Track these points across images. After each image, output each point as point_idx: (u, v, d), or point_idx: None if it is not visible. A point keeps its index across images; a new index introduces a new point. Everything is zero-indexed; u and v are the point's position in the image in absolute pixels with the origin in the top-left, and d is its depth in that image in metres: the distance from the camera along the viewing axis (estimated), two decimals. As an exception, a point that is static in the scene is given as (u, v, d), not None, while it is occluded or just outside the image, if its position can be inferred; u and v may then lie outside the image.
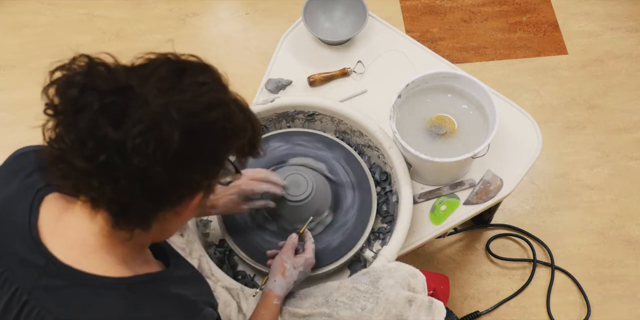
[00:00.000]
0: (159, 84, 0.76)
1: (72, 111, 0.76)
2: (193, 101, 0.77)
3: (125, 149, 0.74)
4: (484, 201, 1.45)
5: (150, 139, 0.74)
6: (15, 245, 0.84)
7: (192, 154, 0.77)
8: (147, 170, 0.75)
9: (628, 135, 2.10)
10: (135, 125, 0.73)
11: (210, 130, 0.78)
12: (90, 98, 0.75)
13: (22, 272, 0.83)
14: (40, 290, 0.82)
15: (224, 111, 0.79)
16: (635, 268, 1.92)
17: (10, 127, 2.16)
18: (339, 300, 1.23)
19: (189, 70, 0.79)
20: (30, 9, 2.37)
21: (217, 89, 0.80)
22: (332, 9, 1.65)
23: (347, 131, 1.48)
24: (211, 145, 0.79)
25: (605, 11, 2.31)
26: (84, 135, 0.75)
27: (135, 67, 0.79)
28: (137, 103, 0.75)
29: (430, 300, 1.26)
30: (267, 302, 1.17)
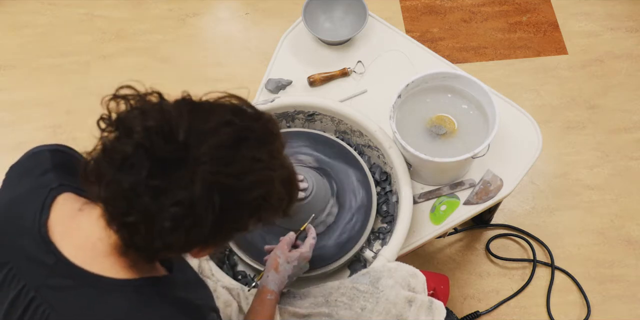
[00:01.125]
0: (213, 153, 0.75)
1: (118, 166, 0.75)
2: (238, 177, 0.76)
3: (154, 223, 0.75)
4: (484, 201, 1.45)
5: (180, 226, 0.75)
6: (25, 242, 0.85)
7: (221, 228, 0.78)
8: (168, 240, 0.76)
9: (628, 135, 2.10)
10: (172, 206, 0.74)
11: (245, 208, 0.78)
12: (141, 163, 0.74)
13: (30, 270, 0.84)
14: (47, 289, 0.82)
15: (265, 190, 0.79)
16: (635, 268, 1.92)
17: (10, 127, 2.16)
18: (339, 300, 1.23)
19: (250, 140, 0.78)
20: (30, 9, 2.37)
21: (269, 167, 0.79)
22: (332, 9, 1.65)
23: (347, 131, 1.48)
24: (243, 219, 0.80)
25: (605, 11, 2.31)
26: (122, 191, 0.75)
27: (201, 114, 0.77)
28: (182, 181, 0.74)
29: (430, 301, 1.26)
30: (262, 298, 1.17)
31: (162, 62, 2.23)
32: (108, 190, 0.76)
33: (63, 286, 0.82)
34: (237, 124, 0.78)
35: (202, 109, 0.79)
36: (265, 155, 0.79)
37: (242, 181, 0.76)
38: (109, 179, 0.76)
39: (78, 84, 2.21)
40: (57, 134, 2.11)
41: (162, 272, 0.92)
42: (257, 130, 0.80)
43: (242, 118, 0.79)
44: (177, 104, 0.79)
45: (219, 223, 0.77)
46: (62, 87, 2.21)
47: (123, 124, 0.77)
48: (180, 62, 2.24)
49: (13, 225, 0.87)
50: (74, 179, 0.86)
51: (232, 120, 0.78)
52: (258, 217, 0.82)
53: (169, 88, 0.83)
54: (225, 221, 0.77)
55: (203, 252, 0.85)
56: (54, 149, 0.96)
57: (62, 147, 0.98)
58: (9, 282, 0.85)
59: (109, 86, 1.02)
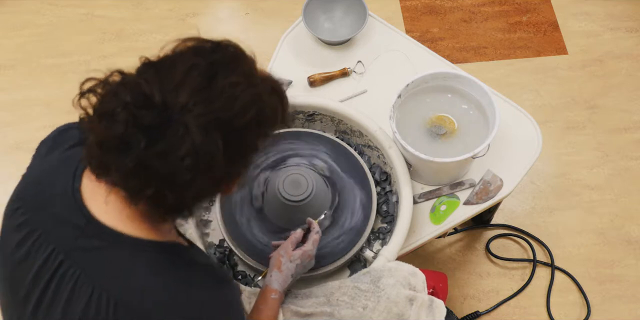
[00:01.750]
0: (193, 97, 0.77)
1: (117, 150, 0.77)
2: (227, 108, 0.78)
3: (176, 182, 0.78)
4: (484, 201, 1.45)
5: (199, 170, 0.77)
6: (56, 209, 0.87)
7: (233, 157, 0.81)
8: (194, 183, 0.79)
9: (628, 135, 2.10)
10: (184, 159, 0.76)
11: (247, 130, 0.81)
12: (136, 137, 0.76)
13: (61, 234, 0.86)
14: (77, 251, 0.85)
15: (257, 107, 0.81)
16: (635, 268, 1.92)
17: (10, 127, 2.16)
18: (340, 299, 1.23)
19: (220, 72, 0.80)
20: (30, 9, 2.37)
21: (248, 86, 0.81)
22: (332, 9, 1.65)
23: (347, 131, 1.48)
24: (249, 141, 0.83)
25: (605, 11, 2.31)
26: (133, 171, 0.77)
27: (164, 73, 0.79)
28: (178, 134, 0.76)
29: (431, 299, 1.27)
30: (265, 297, 1.17)
31: (162, 62, 2.23)
32: (117, 175, 0.79)
33: (93, 246, 0.85)
34: (202, 64, 0.79)
35: (165, 65, 0.80)
36: (241, 78, 0.80)
37: (232, 110, 0.78)
38: (114, 165, 0.78)
39: (78, 84, 2.20)
40: (57, 134, 2.11)
41: (184, 242, 0.96)
42: (222, 60, 0.81)
43: (203, 56, 0.81)
44: (139, 71, 0.81)
45: (230, 153, 0.79)
46: (62, 87, 2.21)
47: (104, 113, 0.79)
48: (180, 62, 2.24)
49: (44, 194, 0.90)
50: None
51: (195, 63, 0.79)
52: (262, 133, 0.85)
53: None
54: (235, 149, 0.80)
55: (232, 186, 0.88)
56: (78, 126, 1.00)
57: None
58: (37, 248, 0.86)
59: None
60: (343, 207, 1.38)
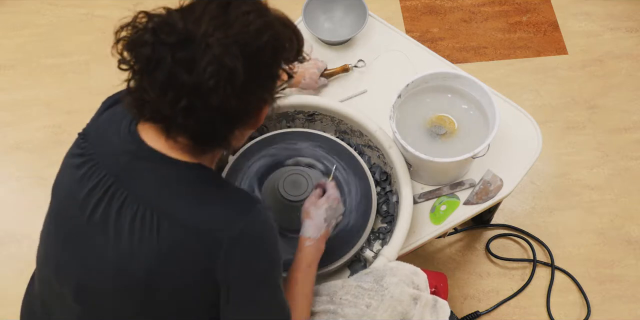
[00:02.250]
0: (212, 23, 0.87)
1: (149, 67, 0.88)
2: (244, 32, 0.88)
3: (202, 91, 0.86)
4: (484, 201, 1.45)
5: (221, 78, 0.86)
6: (112, 142, 0.98)
7: (255, 78, 0.90)
8: (223, 104, 0.88)
9: (628, 135, 2.10)
10: (206, 68, 0.85)
11: (264, 53, 0.90)
12: (163, 53, 0.86)
13: (113, 160, 0.97)
14: (126, 173, 0.95)
15: (271, 33, 0.90)
16: (635, 268, 1.92)
17: (11, 127, 2.16)
18: (344, 298, 1.23)
19: (232, 3, 0.90)
20: (30, 9, 2.37)
21: (261, 14, 0.91)
22: (332, 9, 1.65)
23: (347, 131, 1.48)
24: (268, 65, 0.92)
25: (605, 11, 2.31)
26: (164, 86, 0.87)
27: (186, 11, 0.89)
28: (201, 48, 0.86)
29: (435, 299, 1.26)
30: (300, 246, 1.21)
31: (162, 62, 2.23)
32: (154, 92, 0.88)
33: (141, 168, 0.95)
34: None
35: (185, 7, 0.91)
36: (252, 7, 0.91)
37: (248, 33, 0.88)
38: (148, 82, 0.88)
39: (78, 84, 2.21)
40: (57, 134, 2.11)
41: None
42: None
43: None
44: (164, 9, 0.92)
45: (251, 72, 0.88)
46: (62, 87, 2.21)
47: (132, 42, 0.90)
48: (180, 62, 2.24)
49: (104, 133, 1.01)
50: None
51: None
52: (278, 60, 0.94)
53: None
54: (255, 69, 0.89)
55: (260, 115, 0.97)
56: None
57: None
58: (89, 175, 0.97)
59: (109, 86, 1.04)
60: (343, 190, 1.38)
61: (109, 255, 0.96)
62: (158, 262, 0.93)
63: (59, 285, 1.03)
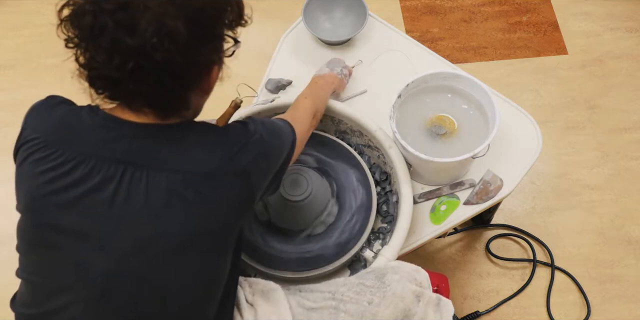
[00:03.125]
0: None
1: (93, 35, 0.89)
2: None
3: (146, 51, 0.88)
4: (484, 201, 1.45)
5: (162, 36, 0.88)
6: (89, 135, 0.98)
7: (197, 37, 0.92)
8: (169, 62, 0.89)
9: (628, 135, 2.10)
10: (147, 29, 0.87)
11: (204, 14, 0.93)
12: (104, 19, 0.88)
13: (107, 151, 0.96)
14: (132, 156, 0.95)
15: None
16: (635, 268, 1.92)
17: (11, 127, 2.16)
18: (345, 294, 1.22)
19: None
20: (30, 9, 2.37)
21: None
22: (332, 9, 1.65)
23: (347, 131, 1.48)
24: (209, 25, 0.95)
25: (605, 11, 2.31)
26: (110, 51, 0.89)
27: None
28: (139, 11, 0.88)
29: (438, 298, 1.26)
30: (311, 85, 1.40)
31: (162, 62, 2.23)
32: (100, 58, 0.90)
33: (145, 146, 0.96)
34: None
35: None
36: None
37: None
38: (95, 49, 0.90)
39: (78, 84, 2.20)
40: (57, 134, 2.11)
41: None
42: None
43: None
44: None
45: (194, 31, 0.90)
46: (62, 87, 2.20)
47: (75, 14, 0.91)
48: (180, 62, 2.24)
49: (72, 132, 1.00)
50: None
51: None
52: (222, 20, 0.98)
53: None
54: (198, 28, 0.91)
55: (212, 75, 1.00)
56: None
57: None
58: (88, 173, 0.95)
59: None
60: (343, 189, 1.39)
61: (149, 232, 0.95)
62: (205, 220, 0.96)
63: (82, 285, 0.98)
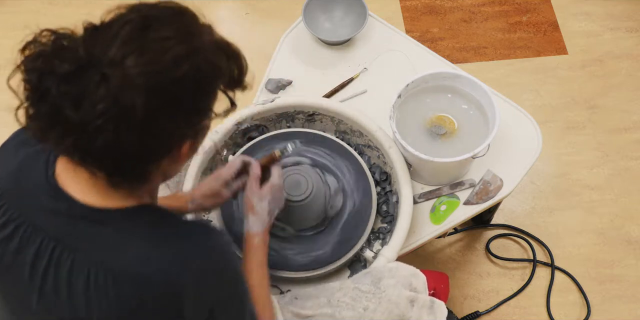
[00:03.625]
0: (122, 49, 0.75)
1: (35, 98, 0.77)
2: (156, 61, 0.75)
3: (88, 131, 0.75)
4: (484, 201, 1.45)
5: (111, 118, 0.74)
6: (36, 199, 0.87)
7: (164, 114, 0.77)
8: (117, 143, 0.76)
9: (628, 135, 2.10)
10: (95, 106, 0.74)
11: (180, 87, 0.77)
12: (49, 83, 0.75)
13: (46, 222, 0.87)
14: (66, 235, 0.85)
15: (192, 63, 0.78)
16: (635, 268, 1.92)
17: (11, 127, 2.15)
18: (341, 300, 1.23)
19: (153, 24, 0.77)
20: (30, 9, 2.37)
21: (184, 40, 0.78)
22: (332, 9, 1.65)
23: (347, 131, 1.48)
24: (184, 101, 0.79)
25: (605, 11, 2.31)
26: (48, 121, 0.77)
27: (102, 29, 0.78)
28: (94, 80, 0.74)
29: (432, 300, 1.26)
30: (249, 245, 1.14)
31: (162, 62, 2.23)
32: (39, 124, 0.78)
33: (80, 228, 0.85)
34: (135, 19, 0.77)
35: (102, 26, 0.79)
36: (175, 32, 0.78)
37: (161, 63, 0.76)
38: (34, 113, 0.78)
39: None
40: (57, 134, 2.11)
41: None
42: (158, 15, 0.79)
43: (137, 11, 0.79)
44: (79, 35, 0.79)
45: (161, 108, 0.76)
46: (62, 87, 2.21)
47: (25, 65, 0.80)
48: (180, 62, 2.24)
49: (23, 186, 0.90)
50: None
51: (130, 18, 0.78)
52: (205, 92, 0.82)
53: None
54: (168, 104, 0.77)
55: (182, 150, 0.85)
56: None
57: None
58: (26, 240, 0.87)
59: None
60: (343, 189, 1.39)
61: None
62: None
63: None
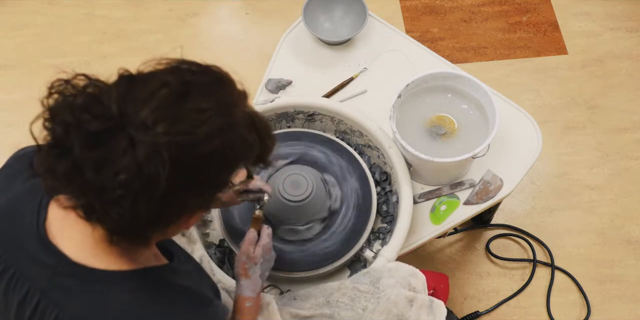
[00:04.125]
0: (156, 113, 0.71)
1: (55, 150, 0.74)
2: (189, 133, 0.72)
3: (105, 197, 0.72)
4: (484, 201, 1.45)
5: (131, 189, 0.71)
6: (26, 245, 0.84)
7: (184, 187, 0.74)
8: (131, 211, 0.73)
9: (628, 135, 2.10)
10: (118, 174, 0.70)
11: (206, 162, 0.74)
12: (74, 140, 0.71)
13: (34, 272, 0.84)
14: (52, 290, 0.82)
15: (225, 139, 0.75)
16: (635, 268, 1.92)
17: (11, 127, 2.16)
18: (340, 300, 1.23)
19: (192, 93, 0.74)
20: (30, 9, 2.37)
21: (221, 114, 0.75)
22: (332, 9, 1.65)
23: (347, 131, 1.48)
24: (208, 175, 0.76)
25: (605, 11, 2.31)
26: (65, 178, 0.73)
27: (137, 83, 0.74)
28: (122, 147, 0.70)
29: (431, 300, 1.26)
30: (240, 308, 1.13)
31: (162, 62, 2.23)
32: (57, 178, 0.74)
33: (67, 285, 0.82)
34: (174, 82, 0.74)
35: (138, 80, 0.75)
36: (213, 104, 0.75)
37: (194, 135, 0.72)
38: (51, 165, 0.74)
39: (78, 84, 2.21)
40: (57, 134, 2.10)
41: (164, 261, 0.92)
42: (198, 82, 0.76)
43: (179, 75, 0.76)
44: (113, 83, 0.76)
45: (184, 181, 0.73)
46: (62, 87, 2.21)
47: (51, 110, 0.75)
48: (180, 62, 2.24)
49: (13, 228, 0.86)
50: None
51: (168, 80, 0.74)
52: (229, 168, 0.79)
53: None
54: (191, 178, 0.74)
55: (191, 219, 0.82)
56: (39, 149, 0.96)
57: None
58: (13, 287, 0.85)
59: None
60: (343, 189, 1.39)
61: None
62: None
63: None
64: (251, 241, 1.16)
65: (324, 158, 1.42)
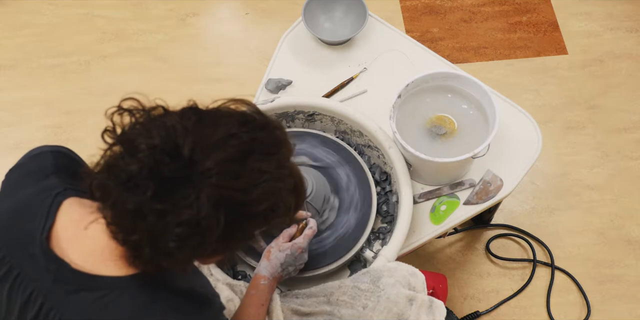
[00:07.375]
0: (220, 166, 0.75)
1: (123, 185, 0.75)
2: (245, 191, 0.76)
3: (158, 242, 0.75)
4: (484, 201, 1.45)
5: (183, 241, 0.75)
6: (31, 248, 0.85)
7: (227, 239, 0.78)
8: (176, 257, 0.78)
9: (628, 135, 2.10)
10: (177, 227, 0.74)
11: (252, 220, 0.80)
12: (146, 183, 0.74)
13: (37, 275, 0.85)
14: (54, 294, 0.84)
15: (273, 201, 0.79)
16: (635, 268, 1.92)
17: (11, 127, 2.16)
18: (340, 299, 1.23)
19: (256, 151, 0.78)
20: (30, 9, 2.37)
21: (276, 178, 0.79)
22: (332, 9, 1.65)
23: (347, 131, 1.48)
24: (245, 232, 0.81)
25: (605, 11, 2.31)
26: (124, 212, 0.76)
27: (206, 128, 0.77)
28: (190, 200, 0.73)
29: (431, 300, 1.27)
30: (255, 283, 1.19)
31: (162, 62, 2.23)
32: (114, 209, 0.77)
33: (69, 291, 0.83)
34: (244, 137, 0.78)
35: (208, 120, 0.78)
36: (272, 166, 0.79)
37: (249, 195, 0.77)
38: (114, 198, 0.76)
39: (78, 84, 2.21)
40: (57, 134, 2.11)
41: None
42: (263, 141, 0.80)
43: (248, 129, 0.79)
44: (181, 115, 0.78)
45: (225, 237, 0.78)
46: (62, 87, 2.21)
47: (127, 141, 0.77)
48: (180, 62, 2.24)
49: (21, 230, 0.87)
50: (77, 182, 0.86)
51: (238, 132, 0.78)
52: (265, 225, 0.84)
53: (169, 88, 0.83)
54: (232, 234, 0.79)
55: (210, 260, 0.88)
56: (56, 150, 0.96)
57: (64, 149, 0.98)
58: (17, 288, 0.86)
59: (109, 86, 1.02)
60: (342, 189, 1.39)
61: None
62: None
63: None
64: (286, 234, 1.26)
65: (324, 158, 1.42)
